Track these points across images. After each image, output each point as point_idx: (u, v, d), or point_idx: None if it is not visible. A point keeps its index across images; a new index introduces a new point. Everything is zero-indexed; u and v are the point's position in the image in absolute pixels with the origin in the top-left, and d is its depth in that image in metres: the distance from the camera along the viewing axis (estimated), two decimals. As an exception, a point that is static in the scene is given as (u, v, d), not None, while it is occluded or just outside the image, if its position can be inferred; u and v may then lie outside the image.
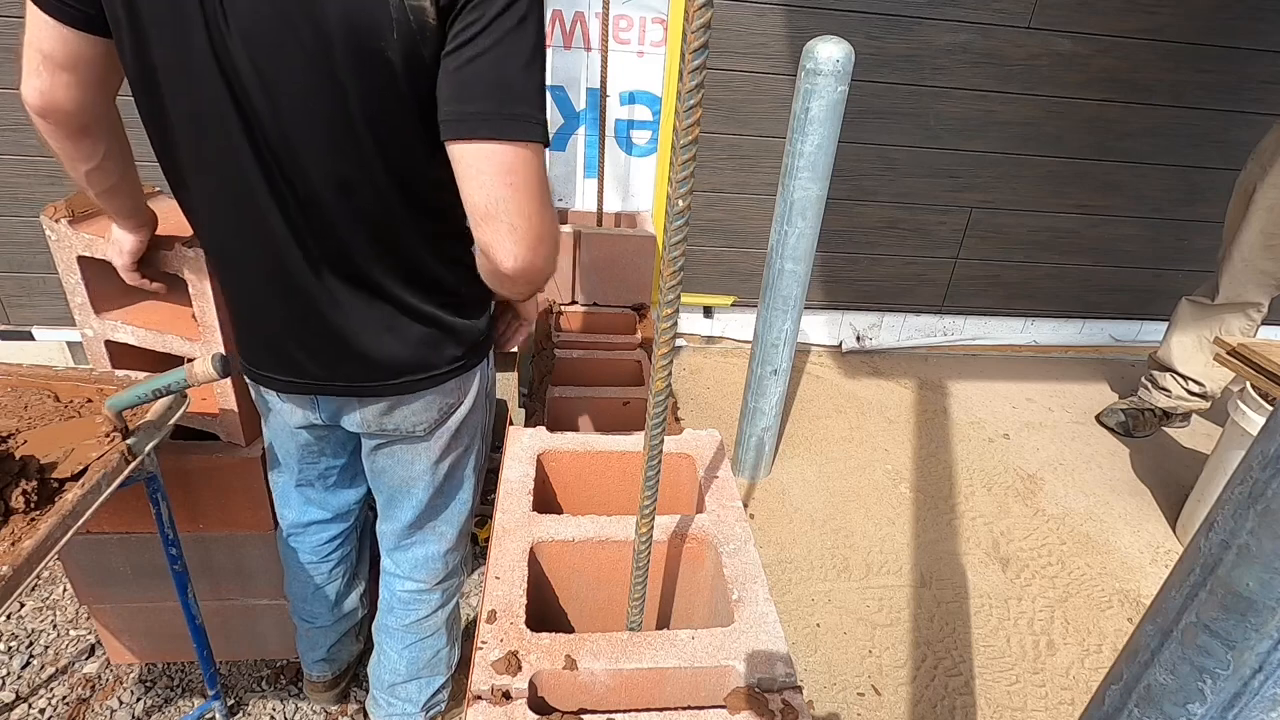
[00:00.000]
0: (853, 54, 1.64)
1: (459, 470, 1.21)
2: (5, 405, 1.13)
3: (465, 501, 1.26)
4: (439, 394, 1.07)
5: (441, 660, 1.39)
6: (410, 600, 1.32)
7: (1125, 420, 2.52)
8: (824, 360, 2.85)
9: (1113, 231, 2.76)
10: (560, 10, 2.13)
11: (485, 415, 1.20)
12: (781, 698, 0.87)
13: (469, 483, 1.24)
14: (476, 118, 0.77)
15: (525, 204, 0.80)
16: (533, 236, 0.82)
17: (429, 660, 1.37)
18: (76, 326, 1.32)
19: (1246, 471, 0.55)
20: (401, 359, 1.00)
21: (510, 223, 0.80)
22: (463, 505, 1.26)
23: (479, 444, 1.22)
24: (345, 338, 0.97)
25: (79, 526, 0.97)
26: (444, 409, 1.09)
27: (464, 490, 1.25)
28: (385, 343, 0.98)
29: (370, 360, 0.99)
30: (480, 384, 1.14)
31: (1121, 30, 2.36)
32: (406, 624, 1.33)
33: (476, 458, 1.23)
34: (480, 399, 1.15)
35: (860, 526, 2.06)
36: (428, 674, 1.39)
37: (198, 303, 1.21)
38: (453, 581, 1.35)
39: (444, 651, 1.39)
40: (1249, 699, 0.56)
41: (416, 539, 1.27)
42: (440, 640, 1.37)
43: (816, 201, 1.79)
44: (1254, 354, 1.80)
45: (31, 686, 1.61)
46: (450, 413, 1.11)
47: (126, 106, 0.91)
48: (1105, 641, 1.78)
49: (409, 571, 1.30)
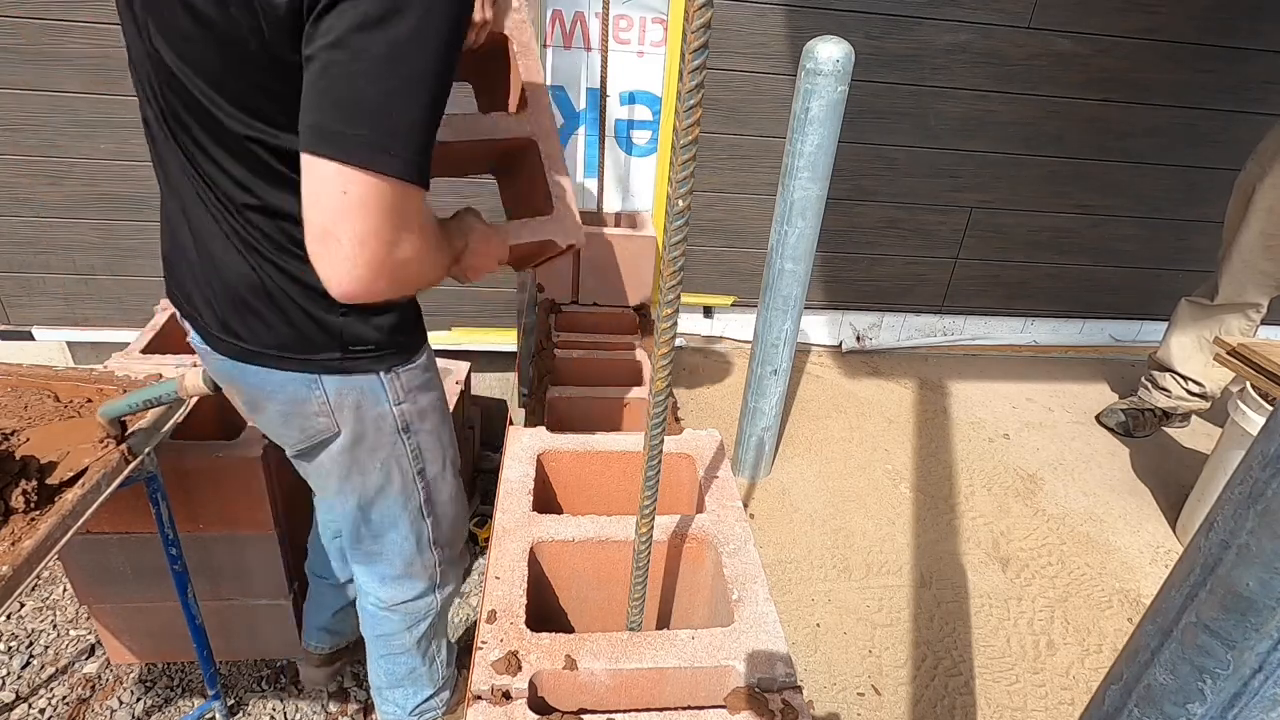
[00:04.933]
0: (853, 54, 1.64)
1: (381, 497, 1.06)
2: (5, 405, 1.13)
3: (402, 539, 1.12)
4: (301, 404, 0.95)
5: (421, 676, 1.34)
6: (374, 615, 1.25)
7: (1125, 420, 2.52)
8: (824, 360, 2.85)
9: (1113, 231, 2.76)
10: (560, 10, 2.13)
11: (398, 453, 1.04)
12: (781, 697, 0.87)
13: (403, 523, 1.10)
14: (321, 132, 0.72)
15: (361, 234, 0.74)
16: (377, 262, 0.76)
17: (406, 674, 1.32)
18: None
19: (1246, 471, 0.55)
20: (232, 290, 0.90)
21: (358, 253, 0.75)
22: (399, 543, 1.13)
23: (405, 483, 1.07)
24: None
25: (79, 526, 0.97)
26: (325, 427, 0.97)
27: (395, 531, 1.11)
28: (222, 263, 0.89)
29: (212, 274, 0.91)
30: (373, 413, 0.98)
31: (1121, 30, 2.36)
32: (374, 636, 1.28)
33: (400, 499, 1.08)
34: (374, 433, 1.00)
35: (860, 526, 2.06)
36: (409, 684, 1.35)
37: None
38: (415, 605, 1.24)
39: (421, 670, 1.33)
40: (1249, 699, 0.56)
41: (358, 559, 1.19)
42: (414, 660, 1.31)
43: (816, 201, 1.79)
44: (1254, 354, 1.80)
45: (31, 686, 1.61)
46: (321, 439, 0.99)
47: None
48: (1105, 641, 1.78)
49: (365, 586, 1.23)
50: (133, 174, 2.18)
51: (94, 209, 2.23)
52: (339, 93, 0.72)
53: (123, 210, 2.24)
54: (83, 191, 2.20)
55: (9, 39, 1.96)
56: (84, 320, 2.41)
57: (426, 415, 1.04)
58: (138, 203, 2.23)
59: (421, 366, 1.02)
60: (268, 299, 0.89)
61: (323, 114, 0.72)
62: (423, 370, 1.02)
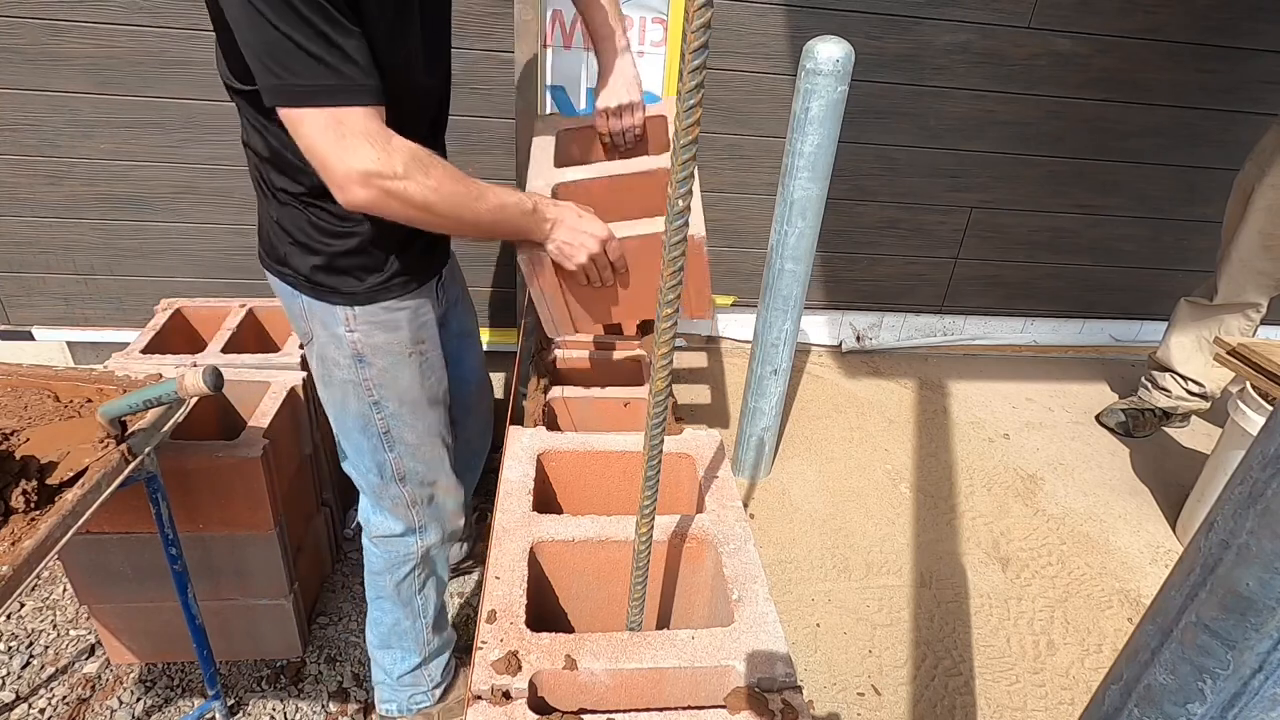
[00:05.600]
0: (853, 54, 1.64)
1: (343, 412, 1.23)
2: (5, 405, 1.13)
3: (367, 465, 1.26)
4: (292, 301, 1.16)
5: (407, 634, 1.41)
6: (366, 549, 1.38)
7: (1125, 420, 2.52)
8: (824, 360, 2.85)
9: (1113, 231, 2.76)
10: (560, 10, 2.13)
11: (355, 378, 1.18)
12: (781, 697, 0.87)
13: (365, 449, 1.24)
14: (265, 90, 0.91)
15: (318, 155, 0.92)
16: (340, 179, 0.93)
17: (391, 629, 1.40)
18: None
19: (1246, 471, 0.55)
20: (262, 229, 1.17)
21: (322, 171, 0.94)
22: (365, 467, 1.27)
23: (361, 408, 1.20)
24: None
25: (79, 526, 0.97)
26: (304, 331, 1.19)
27: (350, 440, 1.25)
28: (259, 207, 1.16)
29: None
30: (328, 334, 1.15)
31: (1121, 30, 2.36)
32: (367, 575, 1.40)
33: (359, 420, 1.22)
34: (334, 350, 1.16)
35: (860, 526, 2.06)
36: (396, 644, 1.42)
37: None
38: (394, 544, 1.33)
39: (406, 626, 1.40)
40: (1249, 699, 0.56)
41: (352, 478, 1.33)
42: (397, 610, 1.38)
43: (816, 201, 1.79)
44: (1254, 354, 1.80)
45: (31, 686, 1.61)
46: (308, 337, 1.20)
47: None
48: (1105, 641, 1.78)
49: (361, 514, 1.36)
50: (133, 174, 2.18)
51: (94, 209, 2.23)
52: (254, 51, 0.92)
53: (123, 210, 2.24)
54: (83, 191, 2.20)
55: (9, 39, 1.96)
56: (84, 320, 2.41)
57: (379, 352, 1.17)
58: (138, 203, 2.23)
59: (381, 309, 1.14)
60: (269, 225, 1.14)
61: (257, 75, 0.92)
62: (383, 312, 1.15)
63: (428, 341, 1.22)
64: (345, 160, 0.91)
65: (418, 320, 1.19)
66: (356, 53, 0.89)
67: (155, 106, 2.09)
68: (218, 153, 2.17)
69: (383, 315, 1.15)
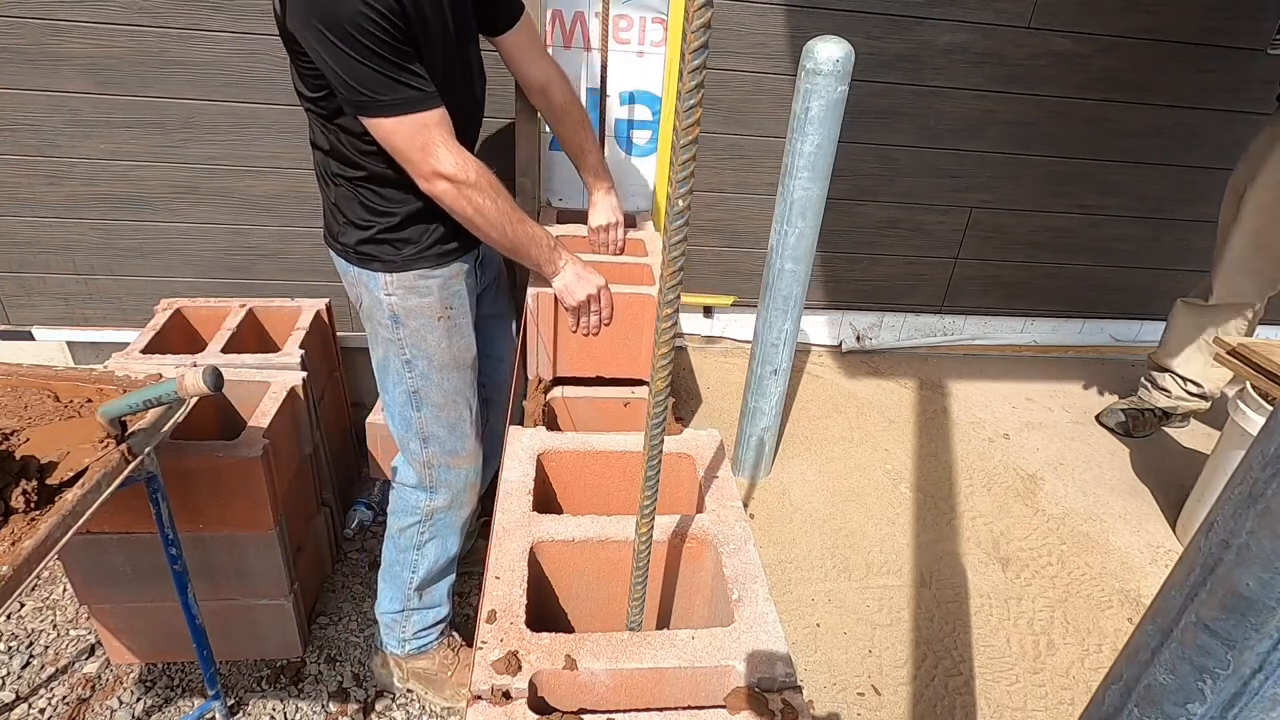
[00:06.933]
0: (853, 54, 1.64)
1: (385, 369, 1.43)
2: (5, 405, 1.13)
3: (398, 414, 1.45)
4: (346, 272, 1.38)
5: (396, 579, 1.56)
6: (393, 486, 1.58)
7: (1125, 420, 2.52)
8: (824, 360, 2.85)
9: (1113, 231, 2.76)
10: (560, 10, 2.13)
11: (393, 337, 1.37)
12: (781, 697, 0.87)
13: (396, 391, 1.42)
14: (351, 105, 1.15)
15: (407, 156, 1.18)
16: (426, 174, 1.19)
17: (387, 565, 1.58)
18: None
19: (1246, 471, 0.55)
20: (326, 216, 1.38)
21: (409, 167, 1.20)
22: (394, 409, 1.45)
23: (398, 365, 1.40)
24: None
25: (79, 526, 0.97)
26: (355, 296, 1.39)
27: (389, 394, 1.44)
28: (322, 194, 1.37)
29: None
30: (371, 297, 1.36)
31: (1121, 30, 2.36)
32: (389, 511, 1.58)
33: (395, 376, 1.41)
34: (377, 311, 1.36)
35: (860, 526, 2.06)
36: (388, 583, 1.58)
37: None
38: (406, 495, 1.52)
39: (397, 571, 1.55)
40: (1249, 699, 0.56)
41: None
42: (392, 553, 1.56)
43: (816, 201, 1.79)
44: (1254, 354, 1.80)
45: (31, 686, 1.61)
46: (359, 302, 1.39)
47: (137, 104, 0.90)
48: (1105, 641, 1.78)
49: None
50: (133, 174, 2.18)
51: (94, 209, 2.23)
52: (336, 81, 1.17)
53: (123, 210, 2.24)
54: (82, 191, 2.20)
55: (9, 39, 1.96)
56: (84, 320, 2.41)
57: (412, 314, 1.36)
58: (137, 203, 2.23)
59: (415, 275, 1.34)
60: (329, 209, 1.37)
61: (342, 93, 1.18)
62: (416, 279, 1.34)
63: (456, 308, 1.40)
64: (429, 161, 1.18)
65: (448, 289, 1.38)
66: (420, 75, 1.15)
67: (155, 106, 2.09)
68: (217, 152, 2.17)
69: (416, 282, 1.34)
